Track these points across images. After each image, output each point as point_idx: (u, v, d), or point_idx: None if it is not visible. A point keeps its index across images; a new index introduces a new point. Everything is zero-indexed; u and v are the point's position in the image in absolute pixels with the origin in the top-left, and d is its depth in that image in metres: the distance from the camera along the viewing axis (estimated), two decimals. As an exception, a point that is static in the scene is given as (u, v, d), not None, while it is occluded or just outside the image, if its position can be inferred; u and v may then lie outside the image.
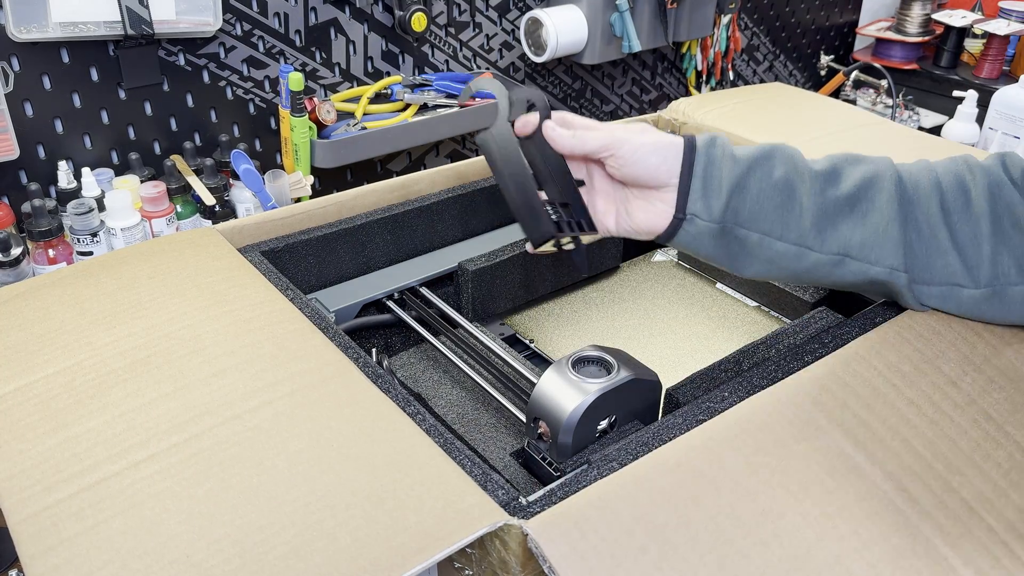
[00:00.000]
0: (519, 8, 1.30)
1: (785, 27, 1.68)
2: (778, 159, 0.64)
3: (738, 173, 0.63)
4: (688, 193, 0.63)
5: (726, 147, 0.64)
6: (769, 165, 0.63)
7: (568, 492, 0.51)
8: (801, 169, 0.64)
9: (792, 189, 0.63)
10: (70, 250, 0.91)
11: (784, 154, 0.64)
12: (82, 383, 0.58)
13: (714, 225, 0.63)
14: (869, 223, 0.63)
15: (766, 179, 0.63)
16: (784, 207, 0.63)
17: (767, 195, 0.63)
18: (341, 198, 0.86)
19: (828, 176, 0.64)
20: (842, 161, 0.65)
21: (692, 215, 0.64)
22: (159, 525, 0.47)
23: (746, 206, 0.63)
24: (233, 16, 1.04)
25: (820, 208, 0.63)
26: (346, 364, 0.61)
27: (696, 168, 0.63)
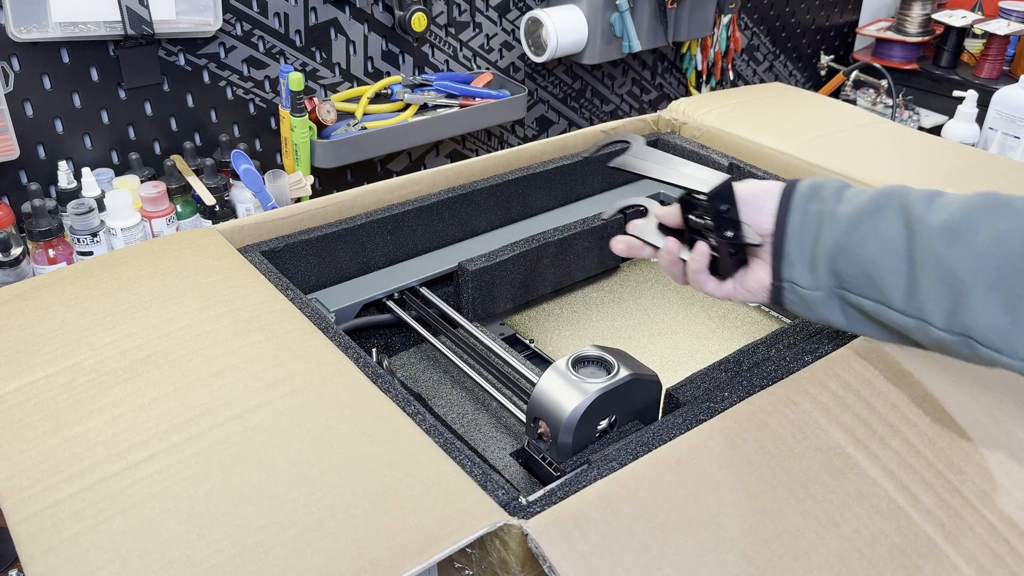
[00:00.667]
0: (519, 8, 1.30)
1: (785, 27, 1.68)
2: (890, 210, 0.52)
3: (841, 231, 0.52)
4: (782, 257, 0.55)
5: (828, 199, 0.54)
6: (877, 219, 0.52)
7: (568, 492, 0.51)
8: (916, 223, 0.51)
9: (902, 248, 0.51)
10: (70, 250, 0.91)
11: (900, 202, 0.52)
12: (82, 383, 0.58)
13: (819, 293, 0.54)
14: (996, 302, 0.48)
15: (871, 237, 0.51)
16: (895, 273, 0.51)
17: (872, 258, 0.51)
18: (341, 198, 0.86)
19: (950, 233, 0.49)
20: (973, 211, 0.50)
21: (791, 282, 0.55)
22: (159, 525, 0.47)
23: (852, 271, 0.52)
24: (233, 16, 1.04)
25: (937, 275, 0.49)
26: (346, 364, 0.61)
27: (791, 227, 0.54)
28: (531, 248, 0.91)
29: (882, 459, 0.53)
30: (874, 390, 0.58)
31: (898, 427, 0.55)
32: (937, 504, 0.50)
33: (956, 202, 0.51)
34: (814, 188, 0.55)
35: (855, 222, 0.52)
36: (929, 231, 0.50)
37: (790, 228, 0.55)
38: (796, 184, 0.56)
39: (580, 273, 1.00)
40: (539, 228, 0.96)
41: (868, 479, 0.51)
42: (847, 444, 0.54)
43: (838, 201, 0.54)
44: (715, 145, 1.05)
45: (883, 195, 0.53)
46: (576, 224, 0.96)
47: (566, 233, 0.94)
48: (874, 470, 0.52)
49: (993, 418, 0.57)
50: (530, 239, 0.92)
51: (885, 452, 0.53)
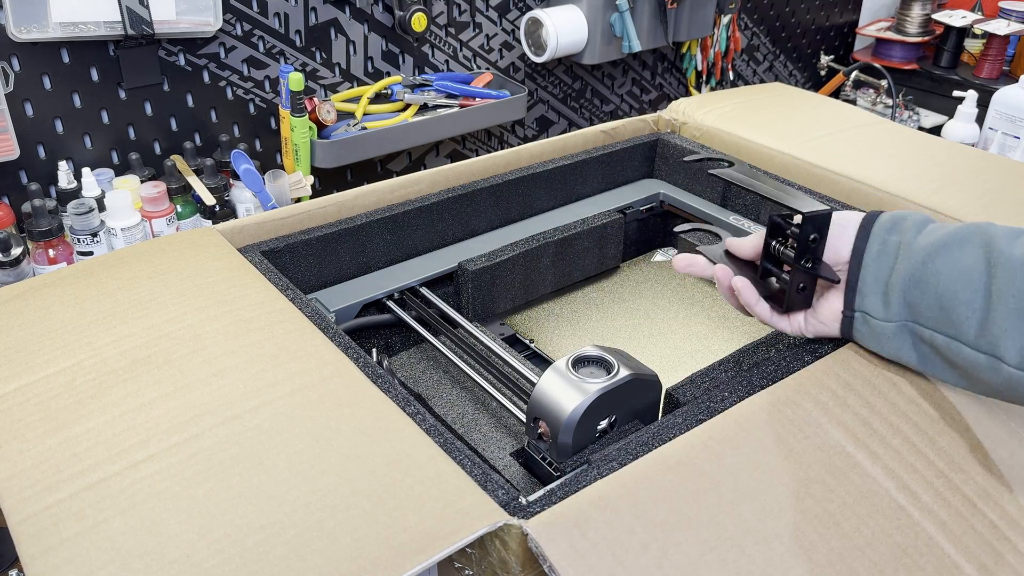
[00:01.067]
0: (519, 8, 1.30)
1: (785, 27, 1.68)
2: (971, 244, 0.50)
3: (917, 261, 0.52)
4: (856, 287, 0.54)
5: (908, 230, 0.53)
6: (957, 251, 0.51)
7: (568, 492, 0.51)
8: (997, 255, 0.49)
9: (978, 281, 0.49)
10: (70, 250, 0.91)
11: (983, 237, 0.50)
12: (82, 383, 0.58)
13: (891, 324, 0.54)
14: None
15: (947, 269, 0.50)
16: (969, 305, 0.50)
17: (948, 290, 0.50)
18: (341, 198, 0.86)
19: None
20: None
21: (863, 312, 0.55)
22: (159, 525, 0.47)
23: (925, 301, 0.51)
24: (233, 16, 1.04)
25: (1016, 308, 0.48)
26: (346, 364, 0.61)
27: (867, 257, 0.54)
28: (531, 248, 0.91)
29: (883, 458, 0.53)
30: (874, 389, 0.58)
31: (899, 426, 0.55)
32: (938, 503, 0.50)
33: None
34: (895, 220, 0.54)
35: (933, 253, 0.51)
36: (1010, 263, 0.48)
37: (867, 258, 0.54)
38: (878, 215, 0.55)
39: (580, 273, 1.00)
40: (539, 228, 0.96)
41: (869, 478, 0.51)
42: (847, 443, 0.54)
43: (918, 233, 0.53)
44: (715, 145, 1.05)
45: (966, 229, 0.52)
46: (576, 224, 0.96)
47: (566, 233, 0.94)
48: (875, 469, 0.52)
49: (994, 416, 0.57)
50: (530, 239, 0.92)
51: (886, 451, 0.53)
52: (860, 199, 0.90)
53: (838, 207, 0.90)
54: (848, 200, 0.91)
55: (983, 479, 0.52)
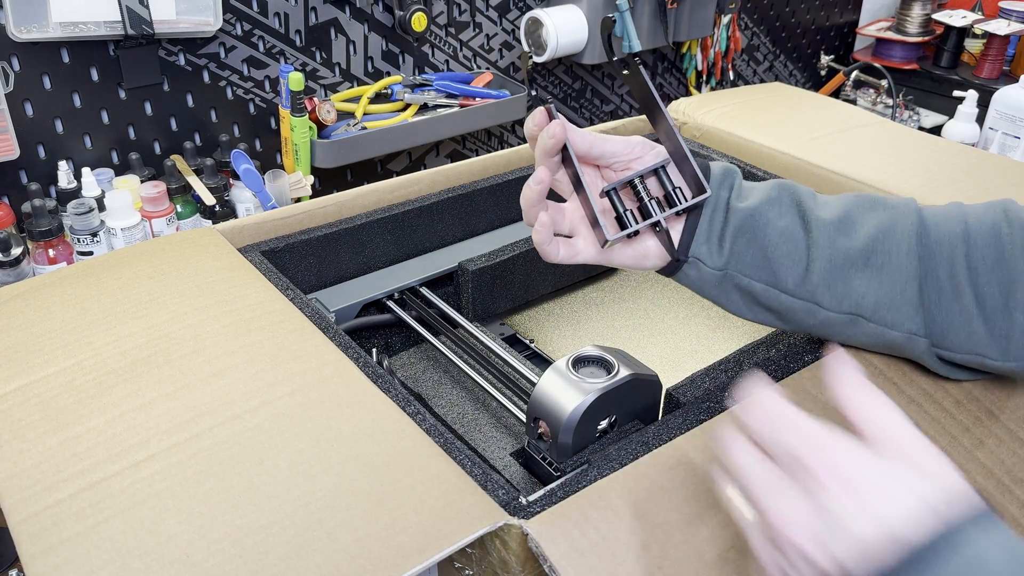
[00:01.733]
0: (519, 8, 1.30)
1: (785, 27, 1.68)
2: (785, 204, 0.58)
3: (743, 218, 0.57)
4: (694, 234, 0.58)
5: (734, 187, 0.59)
6: (777, 211, 0.57)
7: (568, 492, 0.51)
8: (810, 215, 0.57)
9: (799, 238, 0.57)
10: (70, 250, 0.91)
11: (792, 197, 0.58)
12: (82, 383, 0.58)
13: (716, 272, 0.58)
14: (884, 281, 0.55)
15: (771, 225, 0.57)
16: (790, 257, 0.57)
17: (772, 243, 0.57)
18: (341, 198, 0.86)
19: (840, 224, 0.57)
20: (856, 206, 0.58)
21: (695, 259, 0.58)
22: (159, 525, 0.47)
23: (749, 253, 0.57)
24: (233, 16, 1.04)
25: (830, 261, 0.56)
26: (346, 364, 0.61)
27: (706, 208, 0.58)
28: (531, 248, 0.91)
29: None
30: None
31: (898, 427, 0.55)
32: (937, 504, 0.50)
33: (836, 201, 0.59)
34: (725, 171, 0.59)
35: (756, 210, 0.57)
36: (822, 223, 0.57)
37: (705, 210, 0.58)
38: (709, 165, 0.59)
39: (580, 273, 1.00)
40: (539, 228, 0.96)
41: (868, 479, 0.51)
42: (847, 444, 0.54)
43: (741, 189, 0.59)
44: (715, 145, 1.05)
45: (778, 188, 0.59)
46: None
47: (566, 233, 0.94)
48: (874, 470, 0.52)
49: (993, 416, 0.57)
50: (530, 239, 0.92)
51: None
52: (860, 199, 0.90)
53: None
54: (848, 200, 0.91)
55: (984, 479, 0.52)
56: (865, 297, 0.56)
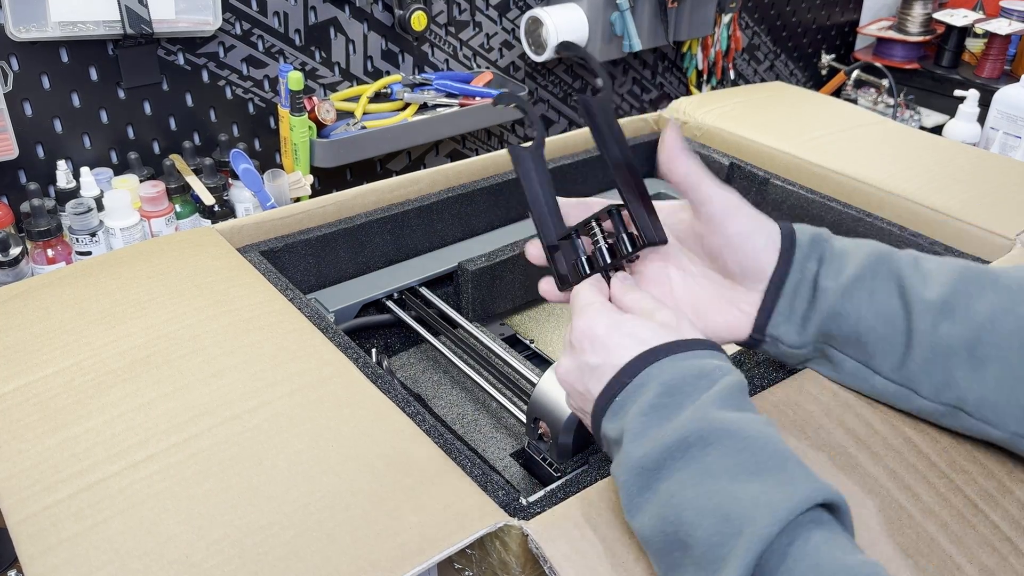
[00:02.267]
0: (519, 7, 1.29)
1: (786, 26, 1.68)
2: (883, 278, 0.52)
3: (834, 298, 0.52)
4: (772, 314, 0.54)
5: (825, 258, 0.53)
6: (872, 286, 0.52)
7: (568, 492, 0.50)
8: (911, 293, 0.51)
9: (897, 319, 0.51)
10: (69, 250, 0.91)
11: (891, 270, 0.52)
12: (81, 383, 0.58)
13: (799, 350, 0.55)
14: (990, 377, 0.49)
15: (866, 305, 0.52)
16: (887, 340, 0.52)
17: (867, 324, 0.52)
18: (341, 198, 0.86)
19: (944, 306, 0.50)
20: (964, 283, 0.51)
21: (773, 338, 0.54)
22: (159, 525, 0.47)
23: (841, 332, 0.53)
24: (233, 15, 1.04)
25: (931, 348, 0.50)
26: (346, 364, 0.61)
27: (787, 284, 0.53)
28: (531, 248, 0.91)
29: (884, 458, 0.53)
30: (875, 390, 0.58)
31: (900, 427, 0.55)
32: (940, 503, 0.50)
33: (944, 274, 0.52)
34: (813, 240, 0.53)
35: (851, 287, 0.52)
36: (924, 304, 0.51)
37: (788, 284, 0.53)
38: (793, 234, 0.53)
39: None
40: (539, 228, 0.96)
41: (870, 478, 0.51)
42: (848, 444, 0.53)
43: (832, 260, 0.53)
44: (716, 144, 1.05)
45: (875, 260, 0.53)
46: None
47: (566, 233, 0.94)
48: (876, 469, 0.52)
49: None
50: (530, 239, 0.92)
51: (887, 451, 0.53)
52: (861, 198, 0.90)
53: (838, 206, 0.90)
54: (849, 200, 0.91)
55: (985, 480, 0.52)
56: (969, 392, 0.50)
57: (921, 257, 0.54)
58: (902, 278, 0.52)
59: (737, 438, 0.42)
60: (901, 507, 0.50)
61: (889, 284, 0.52)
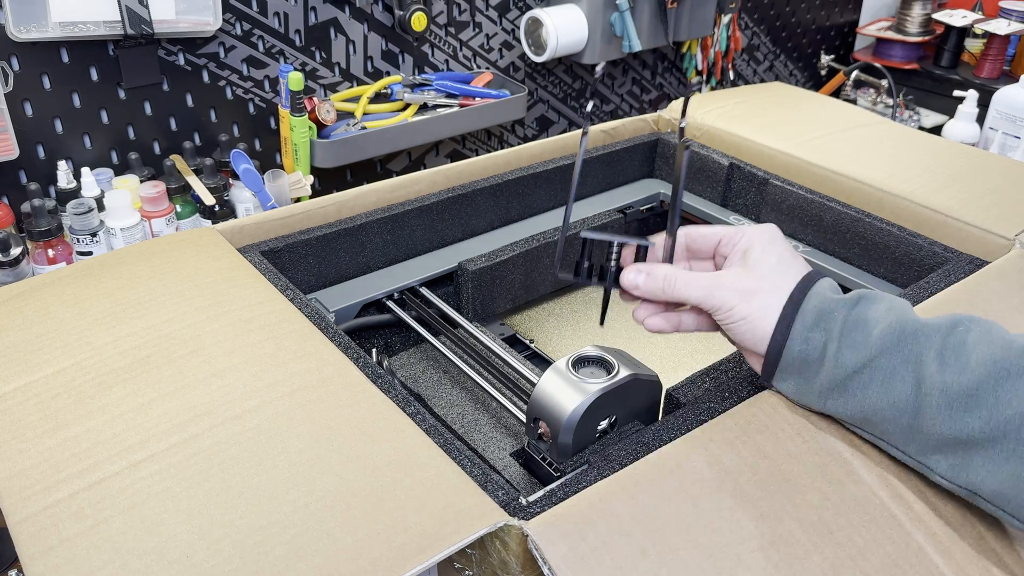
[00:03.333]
0: (519, 8, 1.29)
1: (785, 27, 1.68)
2: (900, 359, 0.49)
3: (840, 376, 0.51)
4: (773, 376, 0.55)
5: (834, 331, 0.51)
6: (886, 366, 0.49)
7: (568, 492, 0.51)
8: (929, 382, 0.48)
9: (908, 408, 0.49)
10: (70, 250, 0.91)
11: (912, 352, 0.49)
12: (82, 383, 0.58)
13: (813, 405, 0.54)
14: (1007, 470, 0.46)
15: (877, 385, 0.50)
16: (896, 423, 0.50)
17: (874, 408, 0.50)
18: (341, 198, 0.86)
19: (964, 398, 0.47)
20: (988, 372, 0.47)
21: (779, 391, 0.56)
22: (159, 525, 0.47)
23: (848, 411, 0.52)
24: (233, 16, 1.04)
25: (947, 436, 0.48)
26: (346, 364, 0.61)
27: (786, 355, 0.53)
28: (531, 248, 0.91)
29: (878, 465, 0.53)
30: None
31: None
32: (929, 513, 0.50)
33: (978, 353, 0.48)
34: (821, 312, 0.52)
35: (861, 367, 0.50)
36: (944, 395, 0.48)
37: (787, 354, 0.53)
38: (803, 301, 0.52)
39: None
40: (539, 228, 0.96)
41: (863, 486, 0.51)
42: (844, 449, 0.54)
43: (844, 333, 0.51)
44: (715, 145, 1.05)
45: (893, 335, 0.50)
46: (576, 224, 0.96)
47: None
48: (870, 476, 0.52)
49: None
50: (530, 239, 0.92)
51: (881, 458, 0.53)
52: (860, 199, 0.90)
53: (837, 206, 0.90)
54: (849, 200, 0.91)
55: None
56: (986, 481, 0.47)
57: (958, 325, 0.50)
58: (921, 363, 0.49)
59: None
60: (892, 516, 0.50)
61: (905, 369, 0.49)
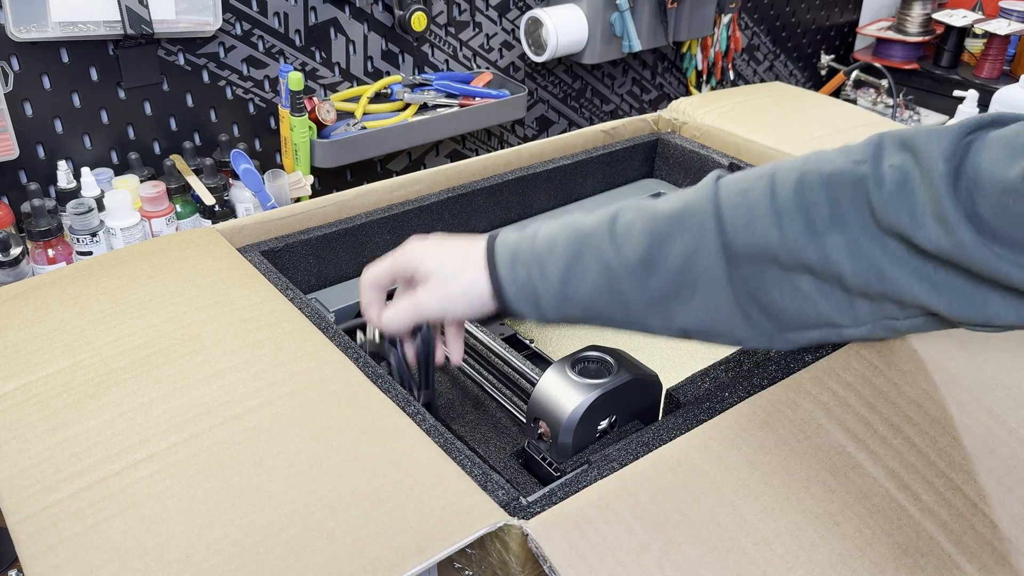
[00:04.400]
0: (519, 8, 1.29)
1: (785, 27, 1.68)
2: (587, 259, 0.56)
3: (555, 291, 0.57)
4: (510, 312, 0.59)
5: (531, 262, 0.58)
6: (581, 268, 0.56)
7: (568, 492, 0.50)
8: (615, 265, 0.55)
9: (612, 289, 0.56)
10: (70, 250, 0.91)
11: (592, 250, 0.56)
12: (82, 383, 0.58)
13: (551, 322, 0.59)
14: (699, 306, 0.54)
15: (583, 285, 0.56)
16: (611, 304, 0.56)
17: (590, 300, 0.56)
18: (341, 198, 0.86)
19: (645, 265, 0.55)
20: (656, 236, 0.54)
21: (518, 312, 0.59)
22: (159, 525, 0.47)
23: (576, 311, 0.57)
24: (233, 16, 1.04)
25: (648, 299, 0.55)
26: (346, 364, 0.61)
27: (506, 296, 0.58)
28: (531, 248, 0.91)
29: (883, 458, 0.53)
30: (875, 389, 0.58)
31: (899, 426, 0.55)
32: (939, 503, 0.50)
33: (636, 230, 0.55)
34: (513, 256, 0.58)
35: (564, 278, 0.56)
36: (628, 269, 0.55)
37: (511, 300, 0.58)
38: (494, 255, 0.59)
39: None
40: (539, 228, 0.96)
41: (869, 478, 0.51)
42: (848, 444, 0.54)
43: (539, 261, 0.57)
44: (715, 145, 1.05)
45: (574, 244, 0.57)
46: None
47: (566, 233, 0.94)
48: (875, 469, 0.52)
49: (994, 416, 0.57)
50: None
51: (886, 451, 0.53)
52: (860, 199, 0.90)
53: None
54: (848, 200, 0.91)
55: (984, 479, 0.52)
56: (688, 321, 0.55)
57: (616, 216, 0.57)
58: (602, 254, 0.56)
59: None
60: (900, 507, 0.50)
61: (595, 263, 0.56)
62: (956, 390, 0.59)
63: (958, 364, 0.61)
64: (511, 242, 0.59)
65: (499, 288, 0.58)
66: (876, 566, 0.46)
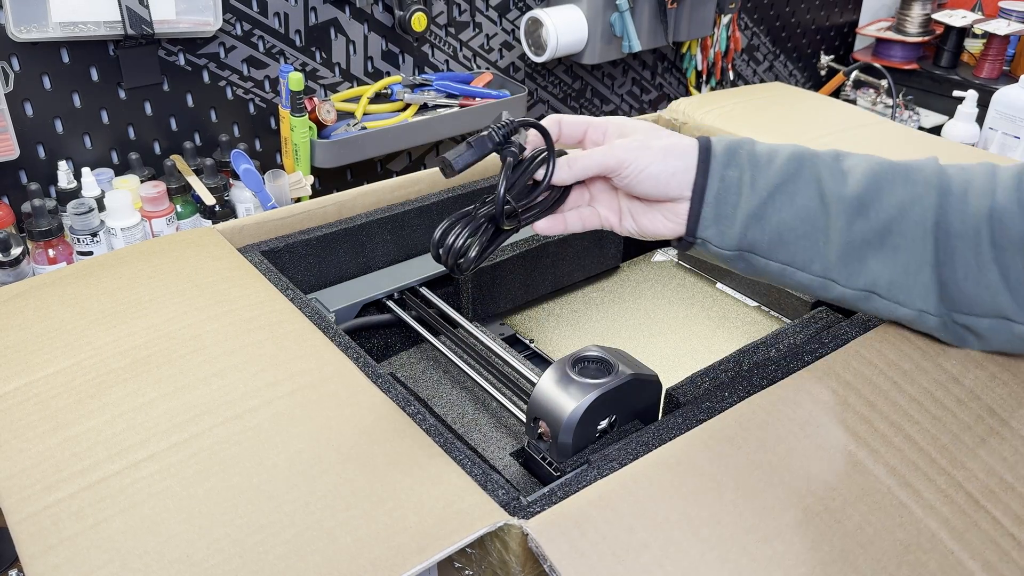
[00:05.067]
0: (519, 8, 1.30)
1: (785, 27, 1.68)
2: (803, 181, 0.57)
3: (756, 202, 0.57)
4: (699, 219, 0.58)
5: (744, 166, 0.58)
6: (793, 189, 0.57)
7: (568, 492, 0.51)
8: (829, 195, 0.57)
9: (817, 219, 0.57)
10: (70, 250, 0.91)
11: (812, 173, 0.57)
12: (82, 383, 0.58)
13: (728, 252, 0.59)
14: (899, 262, 0.56)
15: (787, 207, 0.57)
16: (807, 238, 0.57)
17: (788, 226, 0.57)
18: (341, 198, 0.86)
19: (860, 203, 0.56)
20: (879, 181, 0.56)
21: (703, 240, 0.59)
22: (159, 525, 0.47)
23: (765, 237, 0.57)
24: (233, 16, 1.04)
25: (847, 241, 0.56)
26: (346, 364, 0.61)
27: (708, 193, 0.58)
28: (531, 248, 0.91)
29: (884, 456, 0.53)
30: (875, 388, 0.58)
31: (900, 424, 0.55)
32: (941, 500, 0.50)
33: (860, 170, 0.57)
34: (730, 150, 0.58)
35: (773, 192, 0.57)
36: (842, 202, 0.56)
37: (708, 195, 0.58)
38: (710, 146, 0.58)
39: (580, 273, 1.00)
40: (539, 228, 0.96)
41: (870, 476, 0.51)
42: (849, 442, 0.54)
43: (755, 167, 0.58)
44: (715, 145, 1.05)
45: (797, 164, 0.58)
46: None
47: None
48: (876, 467, 0.52)
49: (996, 414, 0.57)
50: (530, 239, 0.92)
51: (887, 449, 0.53)
52: (860, 199, 0.90)
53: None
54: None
55: (987, 476, 0.52)
56: (880, 276, 0.57)
57: (841, 155, 0.58)
58: (821, 180, 0.57)
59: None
60: (902, 504, 0.50)
61: (810, 186, 0.57)
62: (956, 388, 0.59)
63: (958, 363, 0.61)
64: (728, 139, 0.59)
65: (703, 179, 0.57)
66: (878, 563, 0.46)
